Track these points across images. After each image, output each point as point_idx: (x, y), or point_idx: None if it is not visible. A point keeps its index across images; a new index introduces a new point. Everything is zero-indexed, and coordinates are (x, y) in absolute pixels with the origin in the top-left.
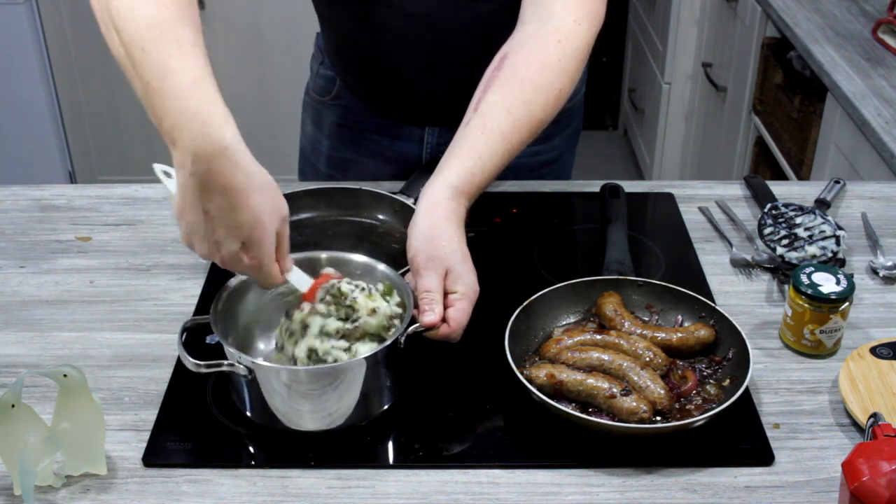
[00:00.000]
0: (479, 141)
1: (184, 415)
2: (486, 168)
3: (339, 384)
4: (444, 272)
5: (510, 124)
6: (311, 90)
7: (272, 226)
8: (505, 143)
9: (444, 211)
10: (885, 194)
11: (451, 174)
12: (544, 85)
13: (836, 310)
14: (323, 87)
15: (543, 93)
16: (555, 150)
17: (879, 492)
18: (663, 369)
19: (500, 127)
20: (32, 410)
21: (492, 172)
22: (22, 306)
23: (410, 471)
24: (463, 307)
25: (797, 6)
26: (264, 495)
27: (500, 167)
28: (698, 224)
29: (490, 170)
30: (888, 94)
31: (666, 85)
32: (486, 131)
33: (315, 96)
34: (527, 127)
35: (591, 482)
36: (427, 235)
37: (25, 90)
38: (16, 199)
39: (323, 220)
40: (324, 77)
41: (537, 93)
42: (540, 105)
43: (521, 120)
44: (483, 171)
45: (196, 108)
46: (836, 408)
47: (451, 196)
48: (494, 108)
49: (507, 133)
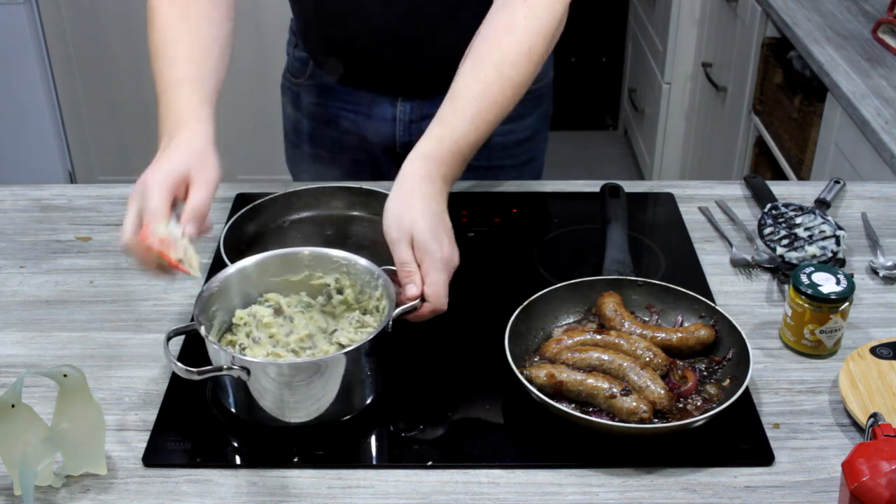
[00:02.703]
0: (445, 109)
1: (184, 415)
2: (457, 131)
3: (324, 374)
4: (410, 241)
5: (480, 87)
6: (287, 73)
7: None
8: (475, 105)
9: (412, 182)
10: (885, 194)
11: (419, 146)
12: (512, 45)
13: (836, 310)
14: (298, 69)
15: (512, 53)
16: (527, 129)
17: (879, 492)
18: (663, 369)
19: (468, 92)
20: (32, 410)
21: (465, 134)
22: (22, 306)
23: (410, 471)
24: (434, 279)
25: (797, 6)
26: (264, 495)
27: (477, 130)
28: (698, 224)
29: (462, 132)
30: (888, 94)
31: (666, 85)
32: (454, 99)
33: (291, 78)
34: (498, 88)
35: (591, 482)
36: (395, 209)
37: (25, 90)
38: (16, 199)
39: (323, 218)
40: (298, 59)
41: (505, 53)
42: (510, 65)
43: (491, 83)
44: (453, 135)
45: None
46: (836, 408)
47: (420, 165)
48: (462, 78)
49: (476, 96)
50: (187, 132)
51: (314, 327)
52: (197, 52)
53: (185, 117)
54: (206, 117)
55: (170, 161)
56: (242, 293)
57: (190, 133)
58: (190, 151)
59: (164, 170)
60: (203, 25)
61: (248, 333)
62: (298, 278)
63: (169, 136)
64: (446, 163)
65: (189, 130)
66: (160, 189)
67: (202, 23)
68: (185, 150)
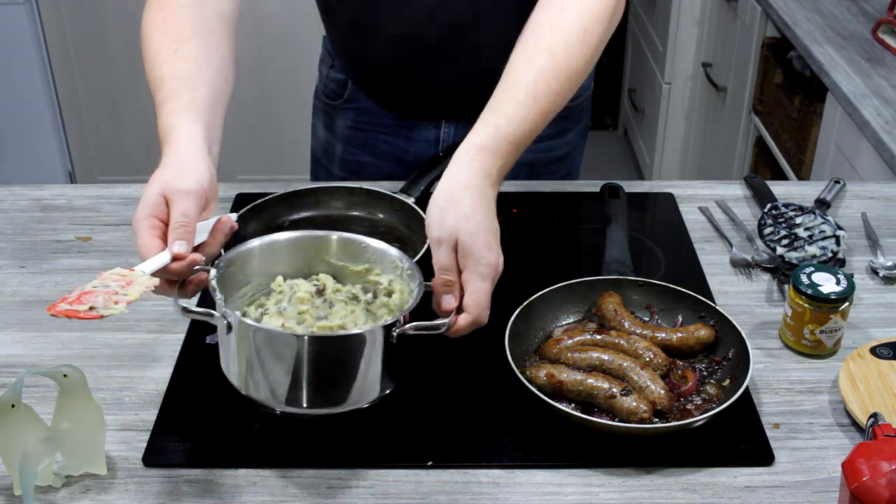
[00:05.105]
0: (499, 98)
1: (184, 415)
2: (514, 120)
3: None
4: (454, 244)
5: (533, 72)
6: (321, 94)
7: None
8: (530, 91)
9: (466, 175)
10: (885, 194)
11: (473, 136)
12: (563, 27)
13: (836, 310)
14: (334, 91)
15: (565, 35)
16: (568, 145)
17: (879, 492)
18: (663, 369)
19: (521, 78)
20: (32, 410)
21: (521, 124)
22: (22, 306)
23: (410, 471)
24: (477, 287)
25: (797, 6)
26: (264, 495)
27: (532, 119)
28: (698, 224)
29: (518, 121)
30: (888, 94)
31: (666, 85)
32: (508, 87)
33: (325, 100)
34: (553, 73)
35: (591, 482)
36: (442, 202)
37: (25, 90)
38: (16, 199)
39: (323, 218)
40: (335, 80)
41: (559, 36)
42: (564, 48)
43: (544, 67)
44: (510, 124)
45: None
46: (836, 408)
47: (474, 157)
48: (514, 63)
49: (529, 82)
50: (169, 149)
51: (351, 321)
52: (183, 67)
53: (165, 133)
54: (188, 122)
55: (148, 188)
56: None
57: (170, 149)
58: (167, 169)
59: (142, 203)
60: (193, 44)
61: (278, 302)
62: (358, 269)
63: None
64: (502, 155)
65: (169, 146)
66: (139, 227)
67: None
68: (163, 169)
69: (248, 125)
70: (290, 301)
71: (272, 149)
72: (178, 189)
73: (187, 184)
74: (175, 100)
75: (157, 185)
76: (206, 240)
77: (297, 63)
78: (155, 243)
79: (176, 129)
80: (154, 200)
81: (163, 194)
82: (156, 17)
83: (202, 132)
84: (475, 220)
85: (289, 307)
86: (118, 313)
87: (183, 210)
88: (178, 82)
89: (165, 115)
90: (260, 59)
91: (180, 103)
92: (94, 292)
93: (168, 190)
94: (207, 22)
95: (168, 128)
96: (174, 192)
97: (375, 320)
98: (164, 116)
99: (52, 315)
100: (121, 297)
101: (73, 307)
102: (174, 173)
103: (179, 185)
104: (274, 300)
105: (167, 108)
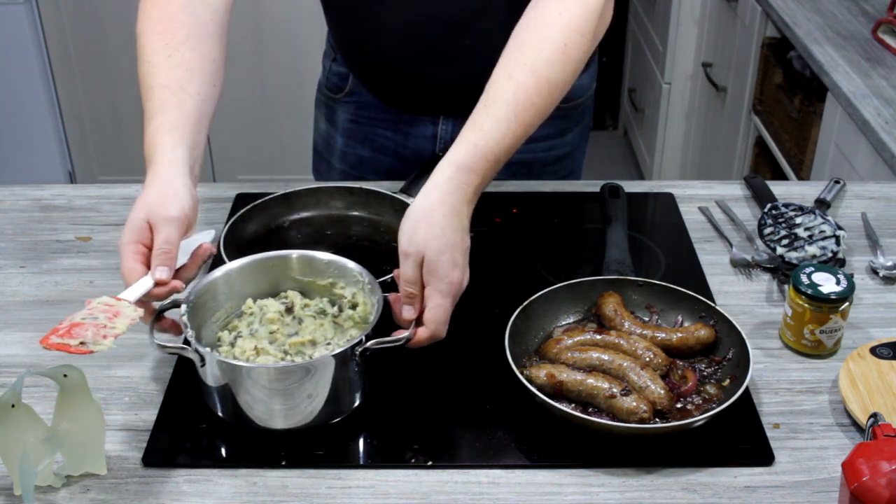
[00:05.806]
0: (480, 114)
1: (184, 415)
2: (492, 137)
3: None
4: (420, 260)
5: (513, 88)
6: (323, 87)
7: (120, 247)
8: (509, 108)
9: (442, 192)
10: (885, 194)
11: (452, 152)
12: (544, 42)
13: (836, 310)
14: (336, 84)
15: (546, 50)
16: (568, 145)
17: (879, 492)
18: (663, 369)
19: (501, 94)
20: (32, 410)
21: (500, 140)
22: (22, 306)
23: (410, 471)
24: (437, 303)
25: (797, 6)
26: (264, 495)
27: (513, 134)
28: (698, 224)
29: (498, 138)
30: (888, 94)
31: (666, 85)
32: (488, 102)
33: (328, 93)
34: (534, 88)
35: (591, 482)
36: (416, 217)
37: (25, 90)
38: (16, 199)
39: (323, 218)
40: (337, 74)
41: (539, 51)
42: (545, 63)
43: (525, 82)
44: (488, 142)
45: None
46: (836, 408)
47: (452, 174)
48: (496, 80)
49: (509, 98)
50: (153, 171)
51: (320, 335)
52: (175, 76)
53: (150, 151)
54: (172, 144)
55: (133, 212)
56: (257, 284)
57: (153, 172)
58: (151, 193)
59: (127, 227)
60: (186, 49)
61: (250, 324)
62: (324, 283)
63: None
64: (480, 172)
65: (153, 169)
66: (125, 251)
67: (185, 46)
68: (147, 193)
69: (249, 125)
70: (262, 322)
71: (272, 148)
72: (162, 216)
73: (171, 211)
74: (163, 114)
75: (142, 211)
76: (186, 263)
77: (298, 63)
78: (138, 268)
79: (161, 150)
80: (139, 226)
81: (147, 220)
82: (152, 15)
83: (186, 154)
84: (444, 238)
85: (260, 328)
86: (106, 349)
87: (165, 237)
88: (168, 94)
89: (152, 132)
90: (260, 60)
91: (167, 119)
92: (84, 325)
93: (152, 216)
94: (201, 22)
95: (153, 147)
96: (158, 219)
97: (343, 332)
98: (151, 133)
99: (44, 347)
100: (108, 332)
101: (65, 341)
102: (159, 198)
103: (163, 212)
104: (246, 322)
105: (154, 123)
